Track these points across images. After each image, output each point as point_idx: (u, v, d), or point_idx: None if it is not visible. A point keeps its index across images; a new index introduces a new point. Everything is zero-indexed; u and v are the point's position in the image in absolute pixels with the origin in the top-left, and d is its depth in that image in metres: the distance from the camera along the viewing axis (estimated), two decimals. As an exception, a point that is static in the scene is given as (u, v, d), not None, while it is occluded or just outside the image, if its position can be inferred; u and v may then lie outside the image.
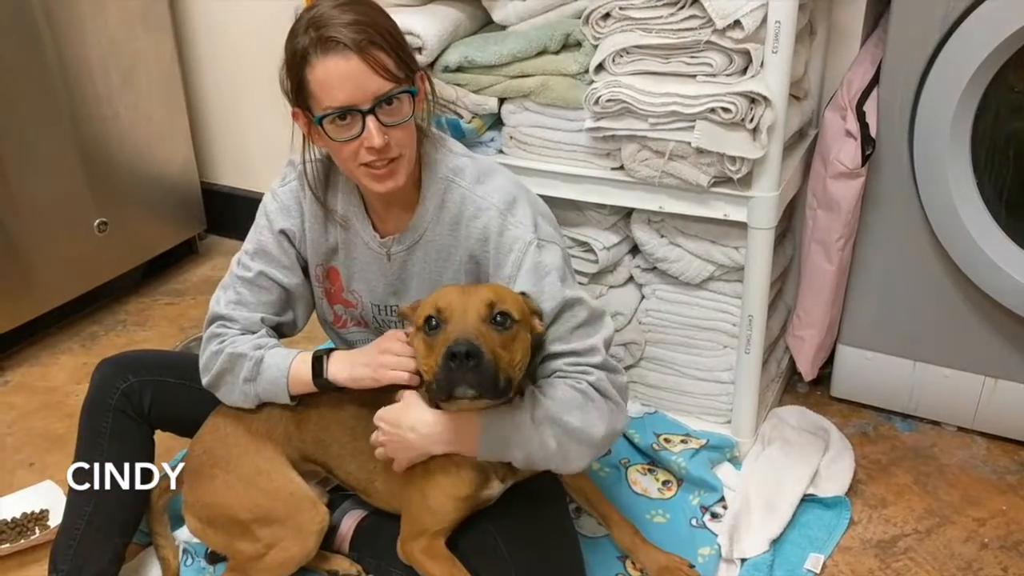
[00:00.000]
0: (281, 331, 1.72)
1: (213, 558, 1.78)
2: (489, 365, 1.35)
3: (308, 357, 1.61)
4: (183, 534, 1.85)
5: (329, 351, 1.63)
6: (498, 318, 1.42)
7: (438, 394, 1.42)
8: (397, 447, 1.55)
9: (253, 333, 1.64)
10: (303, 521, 1.62)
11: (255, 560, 1.63)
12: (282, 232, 1.67)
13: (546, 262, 1.52)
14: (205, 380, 1.66)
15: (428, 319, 1.44)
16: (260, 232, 1.68)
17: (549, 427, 1.45)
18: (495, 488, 1.59)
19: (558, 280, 1.52)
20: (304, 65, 1.45)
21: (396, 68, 1.46)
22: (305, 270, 1.73)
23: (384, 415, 1.55)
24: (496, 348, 1.39)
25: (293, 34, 1.47)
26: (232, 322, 1.64)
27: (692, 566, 1.72)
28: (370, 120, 1.45)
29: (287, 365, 1.60)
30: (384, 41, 1.45)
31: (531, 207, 1.58)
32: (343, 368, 1.59)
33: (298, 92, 1.49)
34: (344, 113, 1.45)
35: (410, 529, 1.60)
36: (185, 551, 1.82)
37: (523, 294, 1.50)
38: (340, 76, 1.42)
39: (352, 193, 1.65)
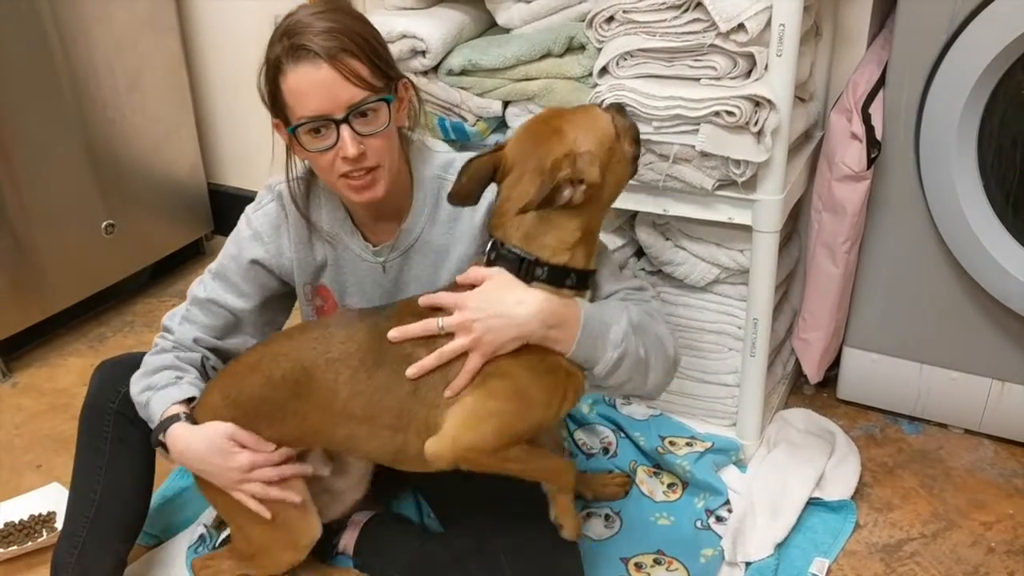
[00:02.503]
0: (220, 353, 1.67)
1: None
2: None
3: (172, 412, 1.56)
4: (205, 517, 1.89)
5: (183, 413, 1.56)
6: None
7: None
8: (494, 325, 1.38)
9: (183, 349, 1.63)
10: (293, 528, 1.60)
11: (251, 557, 1.65)
12: (253, 262, 1.63)
13: None
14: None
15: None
16: (226, 256, 1.65)
17: (641, 334, 1.45)
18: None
19: None
20: (277, 74, 1.43)
21: (371, 76, 1.43)
22: (277, 296, 1.69)
23: (476, 293, 1.41)
24: None
25: (270, 43, 1.45)
26: (170, 334, 1.65)
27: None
28: (344, 130, 1.42)
29: (159, 414, 1.57)
30: (358, 49, 1.42)
31: None
32: (178, 459, 1.56)
33: (274, 102, 1.47)
34: (317, 123, 1.42)
35: (500, 441, 1.42)
36: (201, 536, 1.85)
37: None
38: (311, 85, 1.40)
39: (338, 208, 1.62)
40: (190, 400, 1.59)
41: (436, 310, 1.45)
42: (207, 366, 1.65)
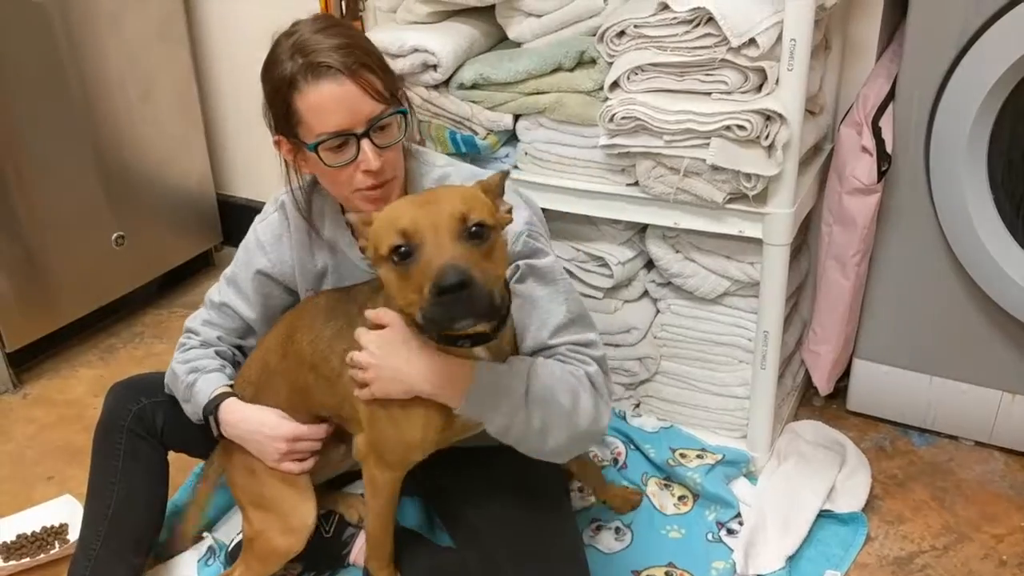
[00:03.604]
0: (242, 351, 1.76)
1: (234, 557, 1.79)
2: (482, 289, 1.20)
3: (223, 390, 1.65)
4: (214, 531, 1.91)
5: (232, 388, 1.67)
6: (474, 230, 1.25)
7: (434, 333, 1.30)
8: (383, 376, 1.41)
9: (211, 346, 1.71)
10: (287, 512, 1.63)
11: (251, 543, 1.66)
12: (258, 272, 1.70)
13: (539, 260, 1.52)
14: (166, 389, 1.72)
15: (396, 248, 1.25)
16: (237, 263, 1.73)
17: (539, 407, 1.38)
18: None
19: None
20: (292, 92, 1.44)
21: (384, 89, 1.46)
22: (280, 308, 1.75)
23: (375, 339, 1.42)
24: (481, 264, 1.24)
25: (275, 62, 1.46)
26: (196, 335, 1.72)
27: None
28: (365, 143, 1.45)
29: (207, 395, 1.64)
30: (372, 63, 1.45)
31: (528, 207, 1.57)
32: (229, 430, 1.63)
33: (285, 119, 1.48)
34: (338, 138, 1.44)
35: (382, 458, 1.51)
36: (209, 548, 1.86)
37: (481, 182, 1.37)
38: (334, 101, 1.42)
39: (337, 218, 1.65)
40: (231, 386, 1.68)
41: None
42: (236, 360, 1.75)
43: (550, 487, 1.73)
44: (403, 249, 1.25)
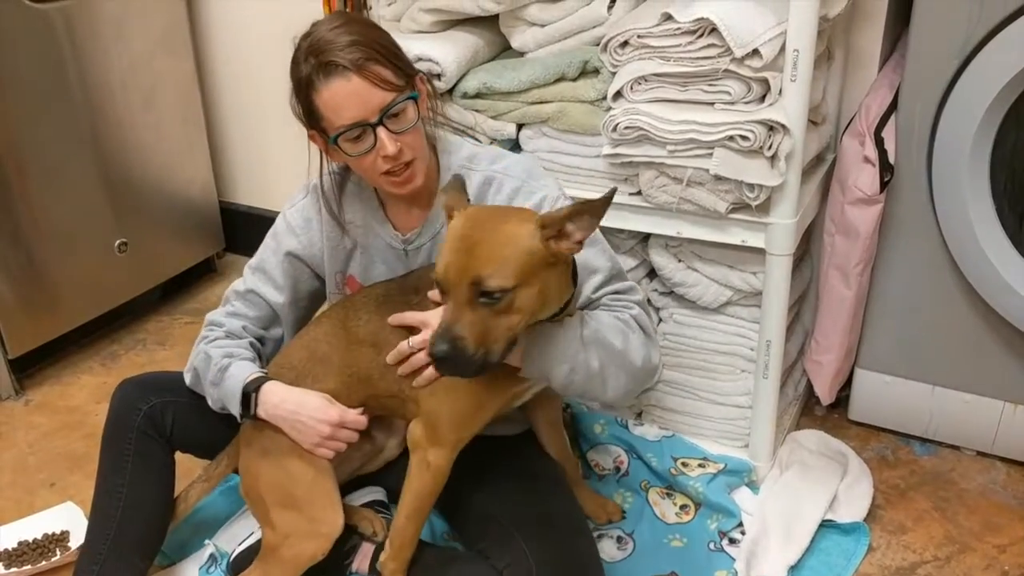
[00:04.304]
0: (265, 343, 1.78)
1: (236, 567, 1.79)
2: (468, 358, 1.32)
3: (261, 374, 1.65)
4: (215, 538, 1.90)
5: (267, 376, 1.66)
6: (484, 295, 1.32)
7: None
8: None
9: (238, 338, 1.72)
10: (316, 515, 1.62)
11: (275, 549, 1.64)
12: (288, 254, 1.75)
13: None
14: (187, 379, 1.73)
15: (437, 282, 1.39)
16: (265, 250, 1.78)
17: (594, 347, 1.48)
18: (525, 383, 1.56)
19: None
20: (310, 91, 1.52)
21: (395, 78, 1.53)
22: (306, 294, 1.79)
23: (435, 315, 1.48)
24: (487, 324, 1.33)
25: (295, 63, 1.55)
26: (220, 326, 1.74)
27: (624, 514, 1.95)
28: (380, 131, 1.52)
29: (243, 378, 1.63)
30: (380, 55, 1.52)
31: (551, 177, 1.68)
32: (270, 410, 1.62)
33: (310, 116, 1.57)
34: (355, 129, 1.51)
35: (437, 435, 1.57)
36: (211, 556, 1.86)
37: (548, 214, 1.40)
38: (345, 96, 1.50)
39: (370, 200, 1.71)
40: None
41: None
42: (262, 354, 1.76)
43: (548, 472, 1.78)
44: (440, 287, 1.39)
